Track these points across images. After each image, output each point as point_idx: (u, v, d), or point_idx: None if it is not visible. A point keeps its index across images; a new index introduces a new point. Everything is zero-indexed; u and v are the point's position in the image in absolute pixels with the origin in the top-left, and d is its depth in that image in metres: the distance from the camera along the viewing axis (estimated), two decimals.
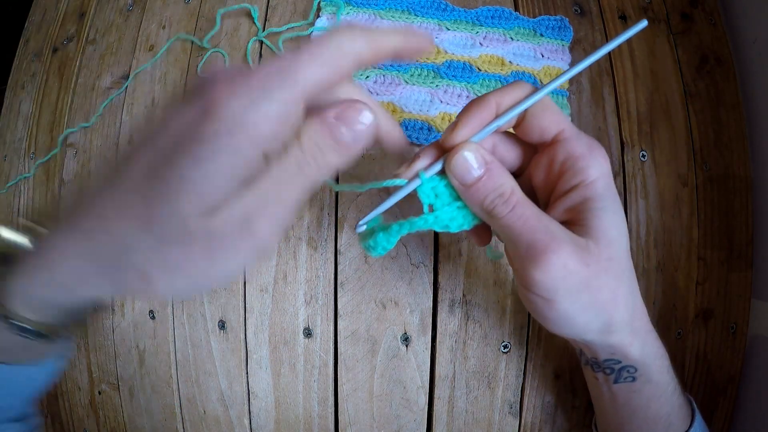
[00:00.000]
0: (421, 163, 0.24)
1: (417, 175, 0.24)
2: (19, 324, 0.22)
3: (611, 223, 0.23)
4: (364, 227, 0.25)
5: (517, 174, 0.27)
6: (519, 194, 0.23)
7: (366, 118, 0.19)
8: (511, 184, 0.23)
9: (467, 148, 0.23)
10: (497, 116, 0.24)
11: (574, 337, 0.26)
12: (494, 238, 0.29)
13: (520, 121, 0.25)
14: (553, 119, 0.24)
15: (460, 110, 0.24)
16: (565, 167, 0.24)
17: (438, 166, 0.24)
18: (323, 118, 0.19)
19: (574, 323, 0.24)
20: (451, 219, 0.25)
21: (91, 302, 0.25)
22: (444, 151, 0.24)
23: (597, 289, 0.23)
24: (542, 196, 0.27)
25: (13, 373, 0.25)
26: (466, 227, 0.25)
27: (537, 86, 0.24)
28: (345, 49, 0.19)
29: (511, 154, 0.26)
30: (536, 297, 0.24)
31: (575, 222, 0.24)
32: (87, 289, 0.21)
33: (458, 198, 0.24)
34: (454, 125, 0.23)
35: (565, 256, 0.22)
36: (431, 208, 0.24)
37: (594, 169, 0.23)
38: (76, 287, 0.21)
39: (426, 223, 0.24)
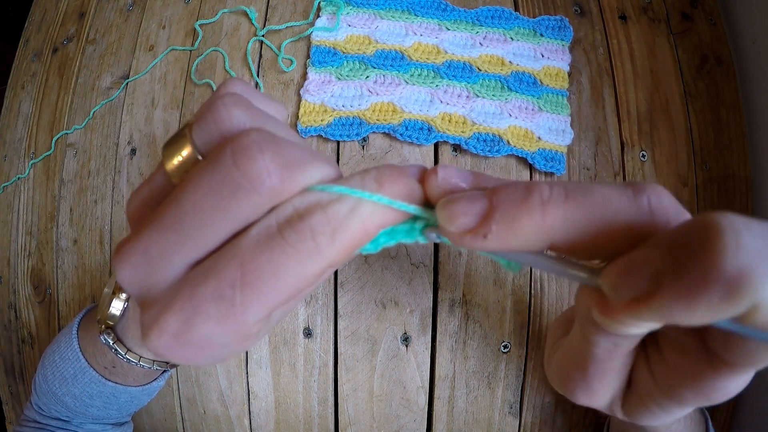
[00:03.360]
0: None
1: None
2: (137, 362, 0.28)
3: (658, 421, 0.19)
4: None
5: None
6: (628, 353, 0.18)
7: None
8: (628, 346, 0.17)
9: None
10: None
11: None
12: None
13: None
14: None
15: (460, 110, 0.20)
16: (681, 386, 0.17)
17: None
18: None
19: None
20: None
21: None
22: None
23: None
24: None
25: (119, 391, 0.31)
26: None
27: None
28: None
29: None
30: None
31: (638, 390, 0.19)
32: None
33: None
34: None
35: (592, 403, 0.19)
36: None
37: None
38: None
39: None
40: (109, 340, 0.29)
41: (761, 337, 0.13)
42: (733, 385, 0.16)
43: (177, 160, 0.14)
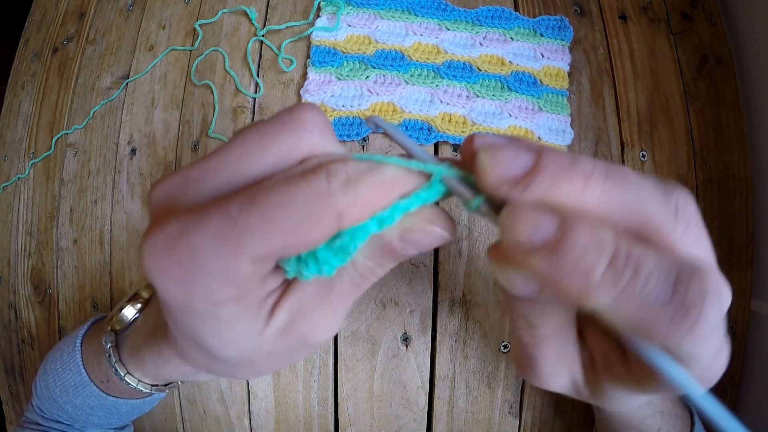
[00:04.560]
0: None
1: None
2: (133, 385, 0.28)
3: (624, 404, 0.19)
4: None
5: None
6: (558, 334, 0.18)
7: (440, 236, 0.15)
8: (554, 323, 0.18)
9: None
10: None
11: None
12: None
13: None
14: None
15: (460, 110, 0.20)
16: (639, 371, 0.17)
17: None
18: (387, 242, 0.15)
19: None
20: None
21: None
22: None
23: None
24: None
25: (120, 404, 0.31)
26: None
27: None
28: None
29: None
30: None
31: (596, 366, 0.19)
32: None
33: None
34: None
35: (552, 385, 0.19)
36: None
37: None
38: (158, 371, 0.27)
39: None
40: (109, 343, 0.28)
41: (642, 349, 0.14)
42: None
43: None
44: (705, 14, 0.43)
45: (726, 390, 0.40)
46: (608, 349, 0.18)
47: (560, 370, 0.18)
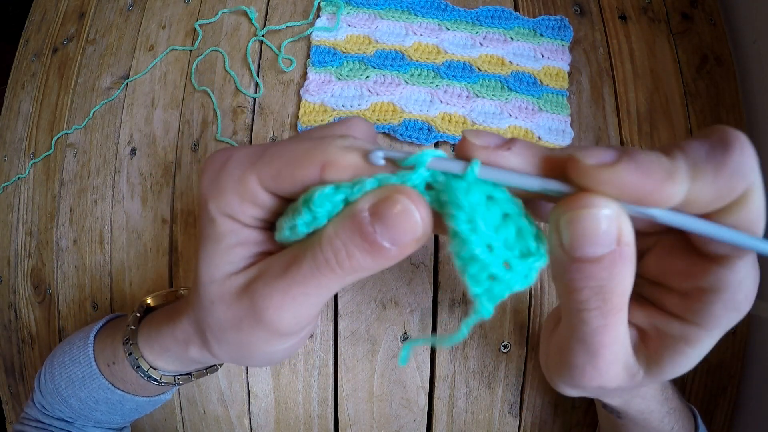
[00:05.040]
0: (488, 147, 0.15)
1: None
2: (147, 373, 0.28)
3: (683, 369, 0.18)
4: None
5: None
6: (626, 308, 0.16)
7: (414, 220, 0.14)
8: (628, 289, 0.15)
9: (610, 206, 0.14)
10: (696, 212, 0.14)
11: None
12: None
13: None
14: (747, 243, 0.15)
15: (460, 110, 0.20)
16: (697, 290, 0.17)
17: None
18: (354, 212, 0.15)
19: (570, 395, 0.21)
20: None
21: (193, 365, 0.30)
22: (553, 168, 0.15)
23: (618, 394, 0.22)
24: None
25: (126, 400, 0.31)
26: None
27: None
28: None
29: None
30: (550, 378, 0.21)
31: (648, 338, 0.18)
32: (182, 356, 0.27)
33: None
34: (616, 159, 0.14)
35: (611, 381, 0.18)
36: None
37: (724, 322, 0.17)
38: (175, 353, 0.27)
39: None
40: (132, 327, 0.29)
41: (732, 239, 0.14)
42: (740, 273, 0.16)
43: None
44: (705, 14, 0.43)
45: (726, 390, 0.40)
46: (655, 316, 0.18)
47: (619, 355, 0.17)
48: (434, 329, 0.39)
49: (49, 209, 0.47)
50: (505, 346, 0.38)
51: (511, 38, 0.42)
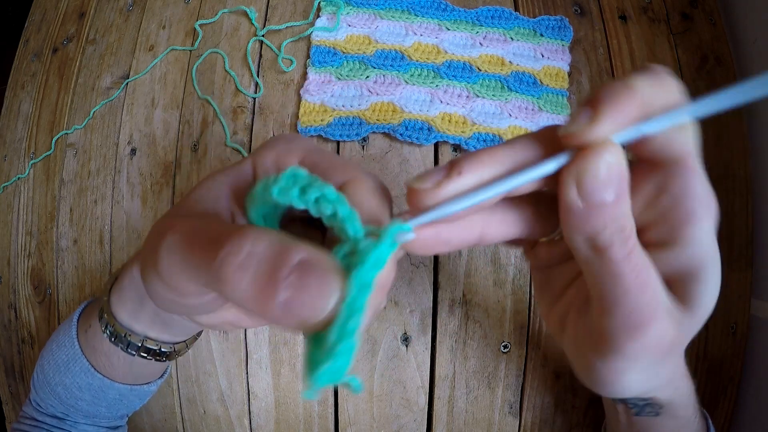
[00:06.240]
0: (477, 174, 0.16)
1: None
2: (113, 331, 0.27)
3: (712, 296, 0.18)
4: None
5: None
6: (635, 235, 0.17)
7: (324, 302, 0.13)
8: (631, 218, 0.17)
9: (611, 151, 0.15)
10: (646, 115, 0.16)
11: (614, 397, 0.25)
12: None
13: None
14: (686, 139, 0.17)
15: (460, 110, 0.20)
16: (670, 209, 0.18)
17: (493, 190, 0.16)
18: (283, 249, 0.13)
19: (627, 389, 0.20)
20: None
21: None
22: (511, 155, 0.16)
23: (670, 361, 0.20)
24: None
25: (106, 386, 0.30)
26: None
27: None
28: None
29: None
30: (610, 368, 0.19)
31: (671, 286, 0.18)
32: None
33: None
34: (592, 111, 0.15)
35: (663, 330, 0.17)
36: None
37: (706, 224, 0.17)
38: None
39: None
40: (105, 298, 0.28)
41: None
42: (689, 163, 0.17)
43: None
44: (705, 14, 0.43)
45: (726, 390, 0.40)
46: (656, 261, 0.18)
47: (657, 292, 0.17)
48: (434, 329, 0.39)
49: (49, 209, 0.47)
50: (505, 346, 0.38)
51: (511, 38, 0.42)
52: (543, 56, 0.42)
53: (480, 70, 0.41)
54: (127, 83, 0.47)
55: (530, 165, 0.16)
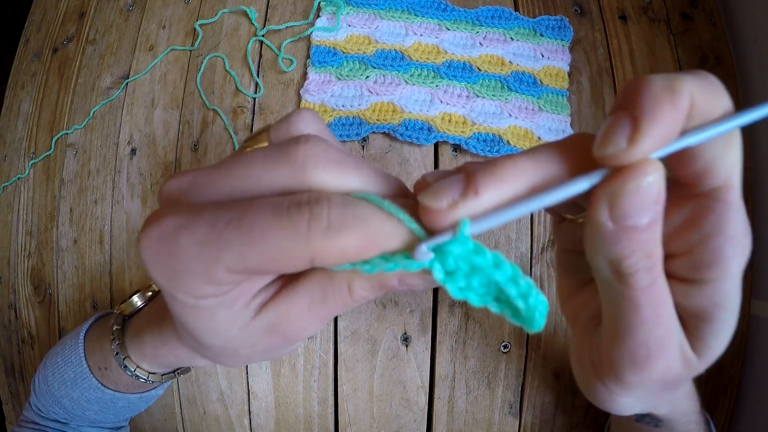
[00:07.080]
0: (479, 202, 0.14)
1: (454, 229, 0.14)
2: (133, 372, 0.29)
3: (722, 343, 0.17)
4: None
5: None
6: (661, 264, 0.16)
7: (433, 281, 0.15)
8: (660, 246, 0.15)
9: (650, 172, 0.14)
10: (693, 127, 0.14)
11: (615, 413, 0.24)
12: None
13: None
14: (733, 161, 0.16)
15: (460, 110, 0.19)
16: (697, 245, 0.16)
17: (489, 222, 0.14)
18: (385, 281, 0.16)
19: (621, 410, 0.20)
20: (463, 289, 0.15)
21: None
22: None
23: (672, 390, 0.19)
24: None
25: (117, 398, 0.31)
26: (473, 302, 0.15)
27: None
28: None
29: None
30: (607, 390, 0.19)
31: (682, 321, 0.17)
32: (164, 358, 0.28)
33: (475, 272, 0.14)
34: (632, 128, 0.13)
35: (668, 367, 0.17)
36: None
37: (734, 268, 0.16)
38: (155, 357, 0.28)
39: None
40: (116, 325, 0.30)
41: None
42: (732, 200, 0.16)
43: (252, 149, 0.17)
44: (705, 14, 0.43)
45: (726, 390, 0.40)
46: (675, 295, 0.17)
47: (672, 327, 0.17)
48: (434, 329, 0.39)
49: (49, 209, 0.47)
50: (505, 346, 0.38)
51: (511, 38, 0.42)
52: (543, 56, 0.42)
53: (480, 70, 0.41)
54: (127, 83, 0.47)
55: (555, 182, 0.14)
